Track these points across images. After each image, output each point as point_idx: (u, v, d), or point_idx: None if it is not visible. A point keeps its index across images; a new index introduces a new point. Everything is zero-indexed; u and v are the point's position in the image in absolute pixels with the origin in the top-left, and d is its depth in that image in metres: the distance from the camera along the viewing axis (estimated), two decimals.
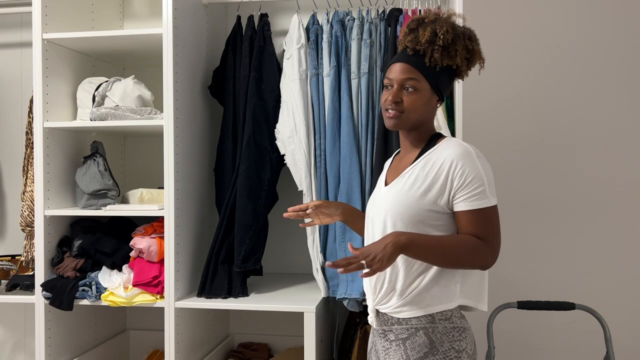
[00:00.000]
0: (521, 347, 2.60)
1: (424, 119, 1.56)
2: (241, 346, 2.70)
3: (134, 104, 2.29)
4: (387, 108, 1.54)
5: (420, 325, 1.49)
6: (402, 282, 1.50)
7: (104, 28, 2.62)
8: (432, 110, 1.57)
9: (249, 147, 2.28)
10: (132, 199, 2.37)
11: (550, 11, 2.63)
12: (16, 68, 2.83)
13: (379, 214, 1.55)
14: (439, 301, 1.48)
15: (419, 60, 1.51)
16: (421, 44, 1.50)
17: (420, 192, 1.48)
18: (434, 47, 1.49)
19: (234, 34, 2.41)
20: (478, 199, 1.45)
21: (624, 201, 2.58)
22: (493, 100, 2.65)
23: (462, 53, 1.51)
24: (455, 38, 1.50)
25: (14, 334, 2.85)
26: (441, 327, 1.49)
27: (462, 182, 1.45)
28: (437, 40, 1.49)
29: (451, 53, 1.51)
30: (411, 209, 1.48)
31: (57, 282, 2.27)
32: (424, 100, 1.52)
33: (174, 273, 2.19)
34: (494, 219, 1.49)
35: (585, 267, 2.60)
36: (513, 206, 2.63)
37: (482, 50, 1.58)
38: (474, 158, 1.47)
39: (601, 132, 2.60)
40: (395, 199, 1.51)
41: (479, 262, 1.47)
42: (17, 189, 2.74)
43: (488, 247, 1.47)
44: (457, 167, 1.45)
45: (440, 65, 1.51)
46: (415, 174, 1.51)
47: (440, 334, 1.48)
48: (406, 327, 1.51)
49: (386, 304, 1.54)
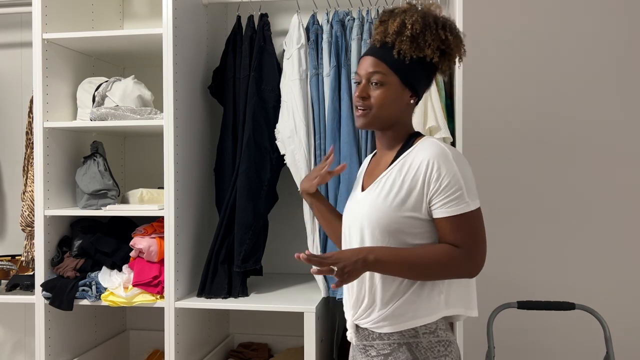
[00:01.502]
0: (521, 347, 2.60)
1: (396, 117, 1.45)
2: (241, 346, 2.70)
3: (134, 104, 2.29)
4: (356, 105, 1.46)
5: (403, 341, 1.41)
6: (382, 296, 1.41)
7: (104, 28, 2.62)
8: (404, 106, 1.46)
9: (249, 147, 2.28)
10: (132, 199, 2.37)
11: (551, 11, 2.62)
12: (16, 68, 2.83)
13: (355, 222, 1.46)
14: (423, 314, 1.40)
15: (386, 52, 1.42)
16: (389, 36, 1.41)
17: (397, 199, 1.39)
18: (402, 37, 1.39)
19: (234, 34, 2.41)
20: (456, 204, 1.35)
21: (624, 201, 2.59)
22: (493, 100, 2.65)
23: (433, 44, 1.40)
24: (425, 28, 1.39)
25: (14, 334, 2.85)
26: (425, 341, 1.41)
27: (438, 187, 1.36)
28: (405, 30, 1.39)
29: (420, 44, 1.39)
30: (388, 217, 1.39)
31: (57, 282, 2.27)
32: (393, 95, 1.42)
33: (174, 273, 2.19)
34: (475, 224, 1.37)
35: (585, 267, 2.60)
36: (513, 206, 2.63)
37: (462, 42, 1.46)
38: (450, 159, 1.37)
39: (602, 132, 2.60)
40: (372, 207, 1.42)
41: (460, 273, 1.38)
42: (17, 189, 2.74)
43: (468, 255, 1.36)
44: (432, 170, 1.36)
45: (410, 58, 1.40)
46: (391, 179, 1.42)
47: (425, 349, 1.40)
48: (388, 342, 1.42)
49: (366, 318, 1.45)
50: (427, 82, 1.49)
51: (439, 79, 2.11)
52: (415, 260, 1.35)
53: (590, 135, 2.60)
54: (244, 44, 2.36)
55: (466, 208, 1.36)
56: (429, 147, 1.40)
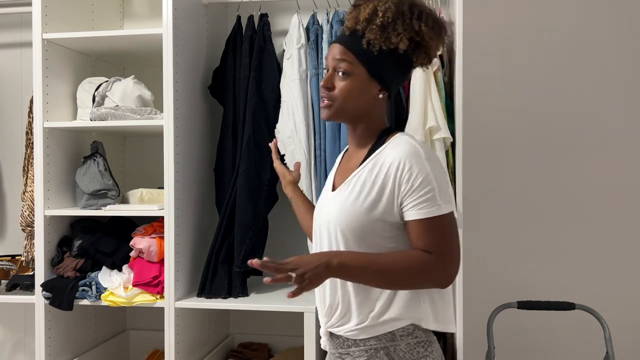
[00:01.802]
0: (521, 347, 2.60)
1: (364, 110, 1.36)
2: (241, 346, 2.70)
3: (134, 104, 2.29)
4: (322, 96, 1.36)
5: (380, 345, 1.33)
6: (356, 302, 1.34)
7: (104, 28, 2.62)
8: (372, 100, 1.35)
9: (249, 147, 2.28)
10: (132, 199, 2.37)
11: (551, 11, 2.62)
12: (16, 68, 2.83)
13: (325, 223, 1.38)
14: (400, 316, 1.32)
15: (354, 41, 1.31)
16: (360, 23, 1.31)
17: (368, 202, 1.30)
18: (372, 26, 1.29)
19: (234, 34, 2.41)
20: (427, 207, 1.25)
21: (625, 201, 2.58)
22: (493, 100, 2.64)
23: (405, 34, 1.29)
24: (397, 16, 1.28)
25: (14, 334, 2.85)
26: (403, 344, 1.32)
27: (409, 187, 1.26)
28: (376, 18, 1.29)
29: (390, 34, 1.29)
30: (358, 220, 1.30)
31: (57, 282, 2.27)
32: (358, 87, 1.32)
33: (174, 273, 2.19)
34: (447, 229, 1.27)
35: (585, 267, 2.60)
36: (513, 206, 2.63)
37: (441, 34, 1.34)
38: (423, 159, 1.27)
39: (602, 132, 2.59)
40: (342, 209, 1.33)
41: (431, 281, 1.28)
42: (17, 189, 2.74)
43: (440, 262, 1.26)
44: (404, 170, 1.27)
45: (380, 48, 1.30)
46: (362, 179, 1.33)
47: (403, 352, 1.32)
48: (364, 348, 1.34)
49: (341, 326, 1.37)
50: (400, 75, 1.38)
51: (439, 79, 2.10)
52: (382, 267, 1.25)
53: (590, 136, 2.60)
54: (244, 44, 2.36)
55: (438, 211, 1.26)
56: (401, 145, 1.31)
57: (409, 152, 1.28)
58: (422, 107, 2.02)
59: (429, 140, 2.03)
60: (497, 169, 2.64)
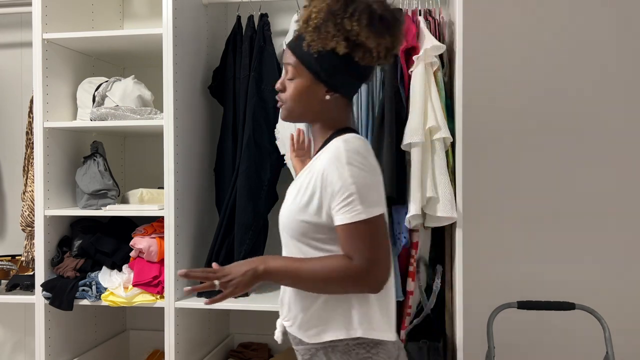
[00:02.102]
0: (521, 347, 2.60)
1: (314, 112, 1.34)
2: (241, 346, 2.70)
3: (134, 104, 2.29)
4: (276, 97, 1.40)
5: (319, 346, 1.33)
6: (294, 304, 1.36)
7: (104, 28, 2.62)
8: (320, 102, 1.33)
9: (249, 147, 2.28)
10: (132, 199, 2.37)
11: (551, 11, 2.62)
12: (16, 68, 2.83)
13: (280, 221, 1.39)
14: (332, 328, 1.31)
15: (298, 44, 1.31)
16: (300, 25, 1.30)
17: (302, 202, 1.30)
18: (308, 28, 1.28)
19: (234, 34, 2.42)
20: (347, 212, 1.23)
21: (625, 201, 2.58)
22: (493, 100, 2.64)
23: (338, 35, 1.25)
24: (328, 17, 1.25)
25: (14, 334, 2.85)
26: (342, 345, 1.30)
27: (331, 193, 1.25)
28: (310, 20, 1.27)
29: (322, 35, 1.26)
30: (293, 220, 1.31)
31: (57, 282, 2.27)
32: (304, 89, 1.32)
33: (174, 273, 2.19)
34: (370, 234, 1.23)
35: (585, 267, 2.60)
36: (513, 206, 2.63)
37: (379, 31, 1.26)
38: (344, 163, 1.23)
39: (602, 132, 2.59)
40: (284, 209, 1.35)
41: (357, 287, 1.26)
42: (17, 189, 2.74)
43: (363, 268, 1.23)
44: (327, 175, 1.25)
45: (317, 50, 1.27)
46: (300, 181, 1.33)
47: (341, 353, 1.30)
48: (307, 347, 1.36)
49: (288, 322, 1.41)
50: (349, 76, 1.33)
51: (439, 79, 2.10)
52: (305, 272, 1.26)
53: (590, 135, 2.60)
54: (244, 44, 2.37)
55: (358, 216, 1.22)
56: (329, 149, 1.29)
57: (332, 157, 1.26)
58: (422, 107, 2.02)
59: (429, 140, 2.02)
60: (497, 169, 2.64)
